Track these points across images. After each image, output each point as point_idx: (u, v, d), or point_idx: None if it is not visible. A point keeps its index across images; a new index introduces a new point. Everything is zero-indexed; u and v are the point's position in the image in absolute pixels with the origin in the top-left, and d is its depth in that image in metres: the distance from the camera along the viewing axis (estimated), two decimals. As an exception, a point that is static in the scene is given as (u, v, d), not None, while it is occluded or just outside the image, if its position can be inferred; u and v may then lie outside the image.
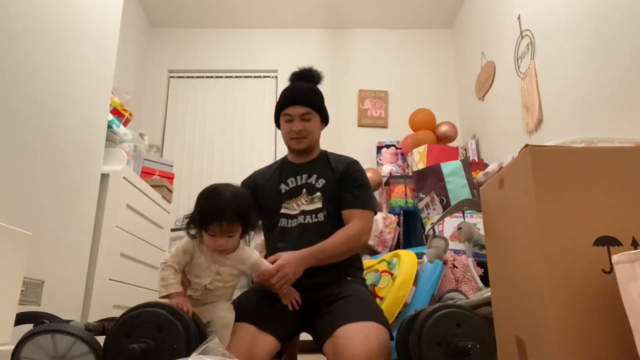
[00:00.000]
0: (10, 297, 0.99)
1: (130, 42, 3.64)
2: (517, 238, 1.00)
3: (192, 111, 3.98)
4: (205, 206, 1.28)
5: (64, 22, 1.70)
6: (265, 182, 1.65)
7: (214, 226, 1.25)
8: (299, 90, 1.61)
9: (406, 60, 4.06)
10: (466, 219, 2.47)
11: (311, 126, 1.59)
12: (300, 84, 1.63)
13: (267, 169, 1.72)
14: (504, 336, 1.10)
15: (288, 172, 1.64)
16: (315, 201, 1.55)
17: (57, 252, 1.63)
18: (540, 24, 2.49)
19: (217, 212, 1.25)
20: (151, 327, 1.05)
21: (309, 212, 1.55)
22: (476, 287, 2.03)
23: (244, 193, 1.37)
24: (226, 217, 1.24)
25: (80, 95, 1.80)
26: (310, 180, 1.59)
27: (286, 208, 1.58)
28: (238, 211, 1.27)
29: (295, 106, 1.57)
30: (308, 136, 1.59)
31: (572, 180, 0.91)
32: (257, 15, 3.98)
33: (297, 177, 1.61)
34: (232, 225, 1.26)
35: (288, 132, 1.60)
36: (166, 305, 1.10)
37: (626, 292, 0.74)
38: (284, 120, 1.60)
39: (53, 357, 1.00)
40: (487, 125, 3.30)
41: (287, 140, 1.63)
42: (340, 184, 1.57)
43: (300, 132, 1.57)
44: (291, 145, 1.63)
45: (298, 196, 1.58)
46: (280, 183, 1.62)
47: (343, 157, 1.68)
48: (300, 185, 1.60)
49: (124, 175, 2.08)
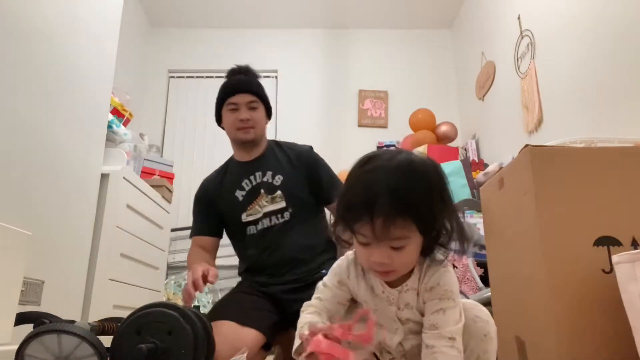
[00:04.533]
0: (10, 297, 0.99)
1: (130, 42, 3.63)
2: (517, 238, 1.00)
3: (192, 111, 3.98)
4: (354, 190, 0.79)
5: (64, 22, 1.70)
6: (219, 191, 1.58)
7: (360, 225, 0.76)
8: (243, 80, 1.56)
9: (406, 60, 4.06)
10: (466, 219, 2.47)
11: (258, 116, 1.53)
12: (242, 76, 1.59)
13: (216, 175, 1.63)
14: (504, 336, 1.10)
15: (239, 174, 1.56)
16: (277, 200, 1.49)
17: (57, 252, 1.63)
18: (540, 24, 2.48)
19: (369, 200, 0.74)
20: (162, 328, 1.05)
21: (273, 212, 1.49)
22: (476, 287, 2.03)
23: None
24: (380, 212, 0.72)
25: (80, 95, 1.80)
26: (266, 178, 1.51)
27: (250, 215, 1.51)
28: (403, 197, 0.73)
29: (241, 94, 1.51)
30: (255, 126, 1.52)
31: (572, 180, 0.91)
32: (257, 15, 3.97)
33: (251, 177, 1.53)
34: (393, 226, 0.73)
35: (233, 123, 1.51)
36: (179, 308, 1.09)
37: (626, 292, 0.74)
38: (228, 110, 1.53)
39: (57, 357, 1.00)
40: (487, 125, 3.30)
41: (233, 132, 1.54)
42: (304, 173, 1.51)
43: (247, 121, 1.50)
44: (237, 137, 1.53)
45: (257, 198, 1.51)
46: (235, 190, 1.53)
47: (297, 146, 1.61)
48: (256, 186, 1.52)
49: (124, 175, 2.08)
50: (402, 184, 0.73)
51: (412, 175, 0.75)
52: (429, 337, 0.78)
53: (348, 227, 0.78)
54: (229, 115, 1.53)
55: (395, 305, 0.83)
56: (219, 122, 1.61)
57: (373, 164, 0.78)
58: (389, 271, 0.78)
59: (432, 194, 0.75)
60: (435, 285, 0.81)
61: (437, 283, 0.81)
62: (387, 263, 0.76)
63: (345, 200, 0.78)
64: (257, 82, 1.58)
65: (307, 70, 3.99)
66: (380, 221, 0.72)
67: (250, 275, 1.54)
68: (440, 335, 0.77)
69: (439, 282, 0.81)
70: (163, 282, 2.70)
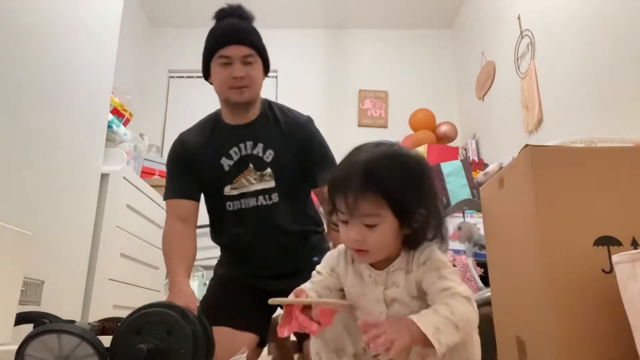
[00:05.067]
0: (10, 297, 0.99)
1: (130, 42, 3.63)
2: (517, 238, 1.00)
3: (192, 111, 3.96)
4: None
5: (64, 22, 1.70)
6: (202, 154, 1.36)
7: (338, 200, 0.81)
8: (238, 26, 1.32)
9: (406, 60, 4.06)
10: (466, 219, 2.47)
11: (255, 73, 1.31)
12: (235, 20, 1.34)
13: (199, 134, 1.40)
14: (504, 336, 1.10)
15: (226, 139, 1.35)
16: (266, 179, 1.32)
17: (57, 252, 1.63)
18: (540, 24, 2.48)
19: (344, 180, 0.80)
20: (161, 328, 1.05)
21: (261, 192, 1.32)
22: (476, 287, 2.03)
23: None
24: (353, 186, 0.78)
25: (80, 95, 1.80)
26: (256, 151, 1.33)
27: (234, 189, 1.33)
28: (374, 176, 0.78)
29: (236, 46, 1.28)
30: (251, 85, 1.30)
31: (572, 180, 0.91)
32: (257, 15, 3.95)
33: (240, 145, 1.34)
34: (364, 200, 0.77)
35: (225, 80, 1.29)
36: (178, 308, 1.09)
37: (626, 292, 0.74)
38: (219, 64, 1.30)
39: (57, 356, 1.00)
40: (487, 125, 3.30)
41: (224, 91, 1.32)
42: (296, 151, 1.33)
43: (242, 79, 1.28)
44: (229, 97, 1.32)
45: (244, 171, 1.33)
46: (221, 156, 1.33)
47: (294, 115, 1.41)
48: (245, 157, 1.33)
49: (124, 175, 2.08)
50: (377, 164, 0.78)
51: (390, 158, 0.80)
52: (442, 297, 0.78)
53: (332, 205, 0.83)
54: (219, 70, 1.30)
55: (383, 285, 0.85)
56: (207, 76, 1.38)
57: (360, 149, 0.84)
58: (364, 251, 0.81)
59: (408, 179, 0.79)
60: (427, 259, 0.83)
61: (428, 257, 0.83)
62: (360, 240, 0.80)
63: (330, 179, 0.84)
64: (254, 30, 1.35)
65: (307, 70, 3.99)
66: (352, 195, 0.77)
67: (233, 260, 1.41)
68: (454, 293, 0.78)
69: (430, 255, 0.83)
70: (163, 282, 2.70)
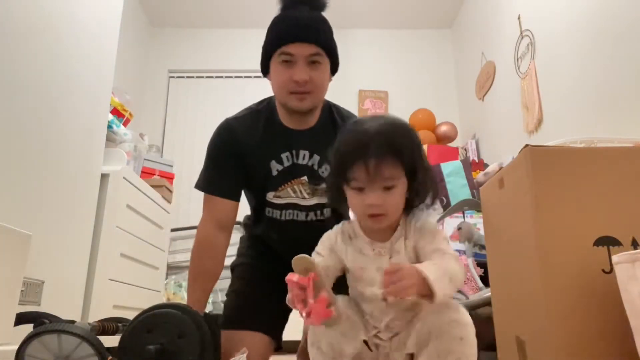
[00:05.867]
0: (10, 297, 0.99)
1: (130, 42, 3.63)
2: (517, 238, 1.00)
3: (192, 111, 3.98)
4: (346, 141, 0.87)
5: (64, 22, 1.70)
6: (252, 146, 1.21)
7: (357, 169, 0.84)
8: (306, 20, 1.13)
9: (406, 60, 4.06)
10: (466, 219, 2.47)
11: (321, 77, 1.15)
12: (305, 11, 1.15)
13: (251, 123, 1.24)
14: (504, 336, 1.10)
15: (280, 140, 1.21)
16: (319, 194, 1.21)
17: (57, 252, 1.63)
18: (540, 24, 2.48)
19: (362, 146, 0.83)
20: (173, 330, 1.05)
21: (314, 207, 1.23)
22: (476, 287, 2.03)
23: None
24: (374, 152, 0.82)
25: (80, 95, 1.80)
26: (311, 163, 1.20)
27: (277, 197, 1.22)
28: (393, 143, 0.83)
29: (302, 44, 1.10)
30: (314, 91, 1.14)
31: (572, 180, 0.91)
32: (257, 15, 3.97)
33: (294, 151, 1.20)
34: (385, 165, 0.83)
35: (286, 83, 1.12)
36: (192, 312, 1.09)
37: (626, 292, 0.74)
38: (281, 62, 1.12)
39: (57, 356, 1.00)
40: (487, 125, 3.30)
41: (283, 95, 1.16)
42: None
43: (305, 83, 1.11)
44: (288, 102, 1.16)
45: (293, 180, 1.21)
46: (271, 159, 1.20)
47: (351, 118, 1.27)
48: (297, 166, 1.20)
49: (124, 175, 2.08)
50: (390, 131, 0.86)
51: (398, 126, 0.89)
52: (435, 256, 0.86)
53: (343, 177, 0.87)
54: (280, 69, 1.13)
55: (388, 254, 0.90)
56: (265, 72, 1.21)
57: (362, 122, 0.89)
58: (381, 215, 0.86)
59: (414, 143, 0.88)
60: (422, 225, 0.90)
61: (424, 223, 0.90)
62: (380, 204, 0.85)
63: (340, 152, 0.87)
64: (325, 23, 1.17)
65: (307, 70, 3.99)
66: (373, 161, 0.82)
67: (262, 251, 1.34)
68: (445, 253, 0.86)
69: (425, 221, 0.91)
70: (163, 282, 2.70)
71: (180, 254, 3.34)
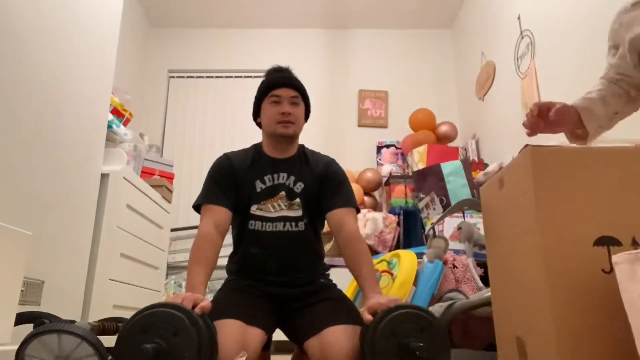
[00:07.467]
0: (10, 297, 0.99)
1: (130, 42, 3.63)
2: (517, 238, 1.00)
3: (192, 111, 3.98)
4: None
5: (64, 22, 1.70)
6: (244, 173, 1.51)
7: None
8: (288, 75, 1.57)
9: (406, 60, 4.06)
10: (466, 219, 2.47)
11: (299, 112, 1.52)
12: (285, 72, 1.60)
13: (244, 156, 1.57)
14: (504, 336, 1.10)
15: (264, 166, 1.52)
16: (295, 208, 1.48)
17: (57, 252, 1.63)
18: (540, 24, 2.49)
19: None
20: (168, 329, 1.05)
21: (290, 219, 1.47)
22: (476, 287, 2.03)
23: None
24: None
25: (80, 95, 1.80)
26: (289, 183, 1.50)
27: (260, 210, 1.47)
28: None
29: (286, 88, 1.50)
30: (295, 122, 1.50)
31: (572, 180, 0.91)
32: (257, 15, 3.98)
33: (274, 175, 1.50)
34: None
35: (275, 115, 1.49)
36: (186, 310, 1.09)
37: (626, 292, 0.74)
38: (270, 102, 1.50)
39: (57, 356, 1.00)
40: (487, 125, 3.30)
41: (272, 125, 1.50)
42: (319, 186, 1.51)
43: (289, 115, 1.48)
44: (276, 130, 1.50)
45: (274, 197, 1.48)
46: (256, 179, 1.49)
47: (321, 156, 1.61)
48: (277, 185, 1.49)
49: (124, 175, 2.08)
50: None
51: None
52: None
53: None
54: (269, 108, 1.50)
55: None
56: (256, 116, 1.58)
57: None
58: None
59: None
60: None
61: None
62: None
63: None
64: (299, 80, 1.60)
65: (308, 70, 3.98)
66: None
67: (243, 275, 1.52)
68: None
69: None
70: (163, 282, 2.70)
71: (180, 254, 3.34)
